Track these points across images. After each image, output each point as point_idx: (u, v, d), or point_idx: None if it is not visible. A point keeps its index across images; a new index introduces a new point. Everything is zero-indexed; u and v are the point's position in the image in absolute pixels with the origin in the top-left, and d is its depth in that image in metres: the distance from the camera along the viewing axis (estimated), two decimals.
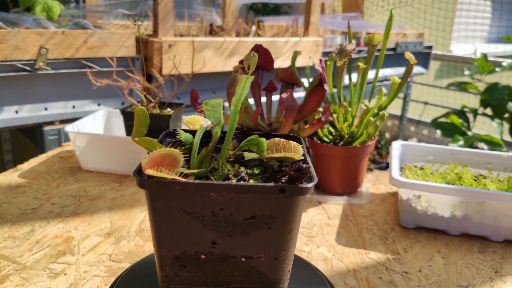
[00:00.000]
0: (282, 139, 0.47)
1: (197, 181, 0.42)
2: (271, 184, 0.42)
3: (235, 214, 0.43)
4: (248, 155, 0.48)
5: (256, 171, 0.46)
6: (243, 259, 0.46)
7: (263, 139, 0.47)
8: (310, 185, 0.42)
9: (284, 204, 0.43)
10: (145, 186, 0.42)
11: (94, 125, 1.07)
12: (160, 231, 0.44)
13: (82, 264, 0.63)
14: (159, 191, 0.42)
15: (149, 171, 0.40)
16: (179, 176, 0.41)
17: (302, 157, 0.46)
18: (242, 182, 0.43)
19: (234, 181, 0.44)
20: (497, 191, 0.70)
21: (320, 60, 0.81)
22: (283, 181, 0.44)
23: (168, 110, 1.01)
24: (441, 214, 0.74)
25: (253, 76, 0.48)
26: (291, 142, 0.47)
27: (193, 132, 0.54)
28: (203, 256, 0.46)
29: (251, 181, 0.44)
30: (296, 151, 0.46)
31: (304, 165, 0.42)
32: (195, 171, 0.44)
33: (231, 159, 0.48)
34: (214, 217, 0.44)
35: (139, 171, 0.43)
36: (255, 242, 0.45)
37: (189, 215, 0.43)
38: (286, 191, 0.42)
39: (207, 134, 0.54)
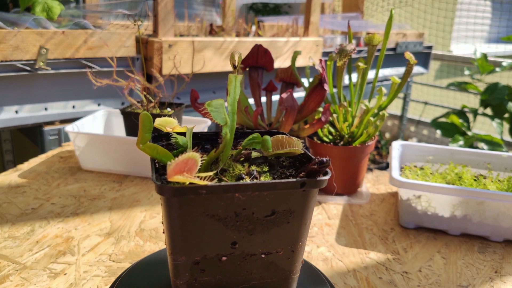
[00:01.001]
0: (284, 136, 0.48)
1: (223, 183, 0.41)
2: (293, 179, 0.43)
3: (257, 212, 0.44)
4: (253, 153, 0.48)
5: (265, 168, 0.47)
6: (262, 256, 0.46)
7: (268, 137, 0.48)
8: (327, 177, 0.44)
9: (302, 197, 0.44)
10: (167, 192, 0.40)
11: (94, 125, 1.07)
12: (180, 238, 0.43)
13: (82, 264, 0.63)
14: (183, 197, 0.41)
15: (178, 178, 0.39)
16: (200, 179, 0.41)
17: (303, 151, 0.48)
18: (266, 180, 0.43)
19: (248, 180, 0.45)
20: (497, 191, 0.70)
21: (320, 60, 0.81)
22: (301, 175, 0.45)
23: (168, 110, 1.01)
24: (441, 214, 0.74)
25: (242, 75, 0.48)
26: (293, 138, 0.48)
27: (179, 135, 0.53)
28: (224, 258, 0.45)
29: (262, 179, 0.45)
30: (298, 146, 0.47)
31: (325, 159, 0.43)
32: (211, 173, 0.44)
33: (241, 159, 0.48)
34: (236, 218, 0.43)
35: (157, 178, 0.42)
36: (275, 238, 0.46)
37: (212, 218, 0.43)
38: (306, 185, 0.43)
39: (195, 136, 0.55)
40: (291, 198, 0.44)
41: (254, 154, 0.48)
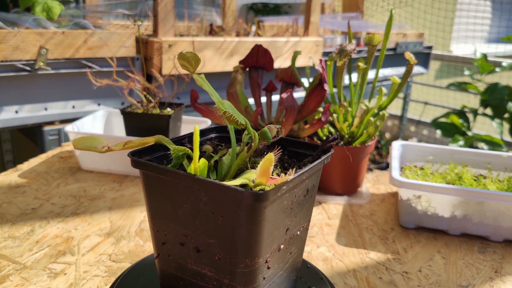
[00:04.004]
0: (273, 125, 0.50)
1: (296, 175, 0.42)
2: (321, 158, 0.48)
3: (300, 195, 0.47)
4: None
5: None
6: (298, 233, 0.49)
7: (266, 129, 0.49)
8: (332, 151, 0.51)
9: (319, 172, 0.50)
10: (260, 198, 0.39)
11: (94, 125, 1.07)
12: (260, 241, 0.43)
13: (82, 264, 0.63)
14: (274, 197, 0.41)
15: (273, 181, 0.40)
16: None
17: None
18: (311, 165, 0.46)
19: (277, 170, 0.49)
20: (497, 191, 0.70)
21: (320, 60, 0.81)
22: (319, 153, 0.50)
23: (168, 110, 1.01)
24: (441, 214, 0.74)
25: (203, 74, 0.48)
26: (273, 125, 0.51)
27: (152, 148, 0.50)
28: (282, 246, 0.46)
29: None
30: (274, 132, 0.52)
31: (336, 135, 0.50)
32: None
33: (264, 153, 0.52)
34: (291, 205, 0.45)
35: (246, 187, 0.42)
36: (305, 213, 0.50)
37: (280, 211, 0.44)
38: (325, 160, 0.49)
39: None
40: (317, 175, 0.49)
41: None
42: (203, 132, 0.57)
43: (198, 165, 0.42)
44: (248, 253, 0.42)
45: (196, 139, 0.42)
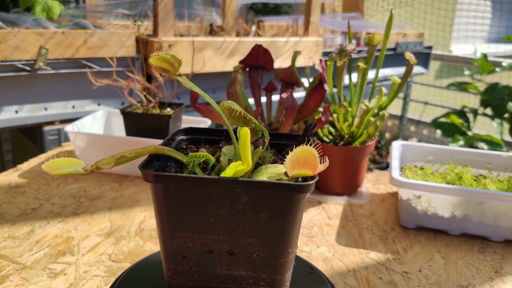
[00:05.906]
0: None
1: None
2: (312, 144, 0.50)
3: None
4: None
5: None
6: None
7: (259, 125, 0.50)
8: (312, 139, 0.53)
9: None
10: (305, 190, 0.41)
11: (94, 125, 1.07)
12: (297, 230, 0.45)
13: (82, 264, 0.63)
14: (308, 189, 0.42)
15: (320, 168, 0.41)
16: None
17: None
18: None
19: (280, 162, 0.51)
20: (497, 191, 0.70)
21: (320, 60, 0.81)
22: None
23: (168, 110, 1.01)
24: (441, 214, 0.74)
25: (184, 76, 0.49)
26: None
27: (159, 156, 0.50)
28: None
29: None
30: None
31: (313, 123, 0.52)
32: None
33: (269, 148, 0.54)
34: None
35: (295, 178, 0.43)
36: None
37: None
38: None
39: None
40: None
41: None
42: (172, 137, 0.55)
43: (241, 168, 0.41)
44: (291, 242, 0.45)
45: (247, 143, 0.41)
